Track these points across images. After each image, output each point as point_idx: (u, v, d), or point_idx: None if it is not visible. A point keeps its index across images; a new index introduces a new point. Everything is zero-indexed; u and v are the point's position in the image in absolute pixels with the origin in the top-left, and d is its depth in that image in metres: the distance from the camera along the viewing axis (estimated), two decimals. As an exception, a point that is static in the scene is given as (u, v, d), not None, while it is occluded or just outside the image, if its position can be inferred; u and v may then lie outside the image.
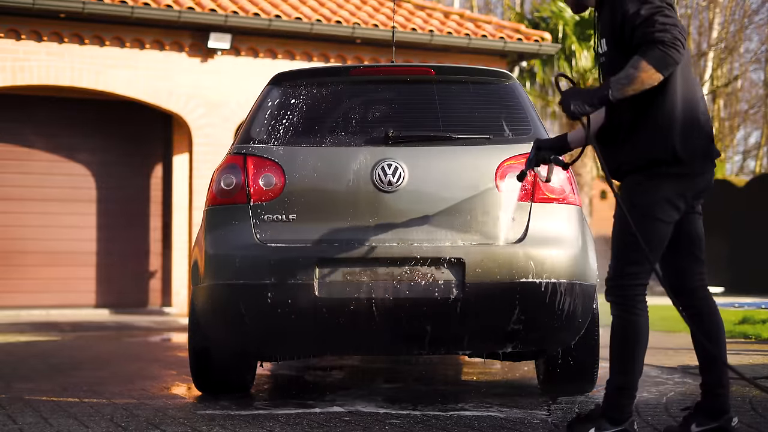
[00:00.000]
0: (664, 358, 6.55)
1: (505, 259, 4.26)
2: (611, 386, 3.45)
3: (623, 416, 3.40)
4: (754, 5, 30.77)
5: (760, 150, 32.35)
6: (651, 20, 3.22)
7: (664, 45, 3.18)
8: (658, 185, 3.35)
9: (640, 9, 3.26)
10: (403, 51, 12.87)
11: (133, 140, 13.20)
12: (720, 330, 3.50)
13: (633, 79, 3.22)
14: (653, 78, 3.22)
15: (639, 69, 3.20)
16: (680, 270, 3.51)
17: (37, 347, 7.86)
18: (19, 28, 11.64)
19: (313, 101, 4.72)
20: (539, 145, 3.80)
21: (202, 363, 4.79)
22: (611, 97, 3.27)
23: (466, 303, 4.23)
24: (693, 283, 3.52)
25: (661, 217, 3.36)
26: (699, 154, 3.37)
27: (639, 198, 3.38)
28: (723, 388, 3.44)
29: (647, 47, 3.20)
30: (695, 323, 3.51)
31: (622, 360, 3.42)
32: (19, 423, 3.99)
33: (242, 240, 4.37)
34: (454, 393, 5.04)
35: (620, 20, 3.33)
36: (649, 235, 3.36)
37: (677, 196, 3.37)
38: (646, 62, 3.20)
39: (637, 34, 3.25)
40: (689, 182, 3.38)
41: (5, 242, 12.49)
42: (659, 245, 3.40)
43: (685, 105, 3.35)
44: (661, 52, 3.18)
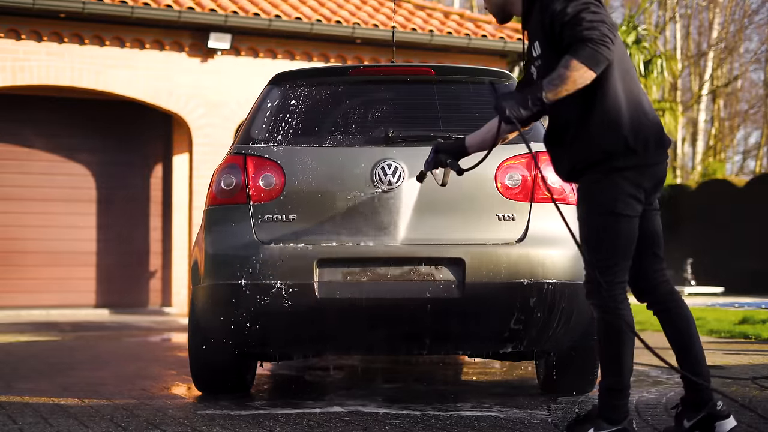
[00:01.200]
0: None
1: (505, 259, 4.26)
2: (602, 387, 3.44)
3: (620, 416, 3.40)
4: (754, 5, 30.79)
5: (760, 150, 32.36)
6: (578, 18, 3.20)
7: (593, 42, 3.16)
8: (615, 180, 3.32)
9: (567, 7, 3.24)
10: (403, 51, 12.87)
11: (133, 140, 13.20)
12: (690, 323, 3.47)
13: (565, 78, 3.20)
14: (585, 76, 3.19)
15: (570, 68, 3.18)
16: (641, 268, 3.49)
17: (37, 347, 7.86)
18: (19, 28, 11.64)
19: (313, 101, 4.72)
20: (437, 148, 3.82)
21: (202, 363, 4.79)
22: (545, 98, 3.25)
23: (465, 303, 4.23)
24: (655, 281, 3.50)
25: (624, 212, 3.33)
26: (652, 143, 3.34)
27: (598, 196, 3.35)
28: (701, 378, 3.43)
29: (577, 46, 3.18)
30: (664, 320, 3.50)
31: (609, 361, 3.41)
32: (19, 423, 3.99)
33: (242, 240, 4.37)
34: (454, 393, 5.04)
35: (549, 20, 3.31)
36: (615, 232, 3.34)
37: (636, 189, 3.34)
38: (577, 61, 3.17)
39: (566, 33, 3.23)
40: (644, 173, 3.34)
41: (5, 242, 12.50)
42: (629, 241, 3.37)
43: (628, 96, 3.33)
44: (591, 50, 3.16)
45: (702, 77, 28.63)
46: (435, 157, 3.83)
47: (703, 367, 3.44)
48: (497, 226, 4.36)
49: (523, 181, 4.43)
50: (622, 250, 3.37)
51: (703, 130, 29.97)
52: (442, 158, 3.81)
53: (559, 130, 3.43)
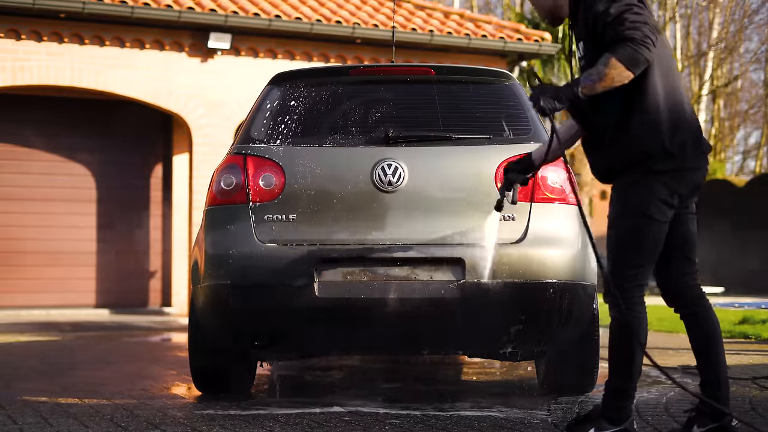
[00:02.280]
0: (664, 358, 6.54)
1: (505, 259, 4.25)
2: (609, 387, 3.44)
3: (622, 416, 3.40)
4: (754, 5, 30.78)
5: (760, 150, 32.35)
6: (620, 18, 3.21)
7: (634, 43, 3.17)
8: (651, 183, 3.33)
9: (610, 7, 3.25)
10: (403, 51, 12.86)
11: (133, 140, 13.20)
12: (716, 329, 3.49)
13: (602, 75, 3.20)
14: (623, 75, 3.20)
15: (608, 66, 3.19)
16: (672, 271, 3.50)
17: (37, 347, 7.86)
18: (19, 28, 11.63)
19: (313, 101, 4.72)
20: (507, 169, 3.83)
21: (202, 363, 4.79)
22: (580, 93, 3.26)
23: (465, 303, 4.23)
24: (686, 284, 3.51)
25: (655, 216, 3.34)
26: (689, 147, 3.35)
27: (632, 197, 3.36)
28: (721, 389, 3.43)
29: (617, 45, 3.19)
30: (690, 324, 3.51)
31: (619, 362, 3.41)
32: (19, 423, 3.98)
33: (242, 240, 4.37)
34: (454, 393, 5.04)
35: (592, 20, 3.32)
36: (644, 235, 3.35)
37: (670, 194, 3.35)
38: (616, 59, 3.18)
39: (608, 33, 3.24)
40: (681, 178, 3.35)
41: (5, 242, 12.49)
42: (656, 245, 3.39)
43: (668, 99, 3.34)
44: (632, 50, 3.17)
45: (702, 77, 28.62)
46: (506, 178, 3.83)
47: (723, 376, 3.44)
48: (497, 226, 4.36)
49: (523, 181, 4.42)
50: (648, 253, 3.38)
51: (703, 130, 29.91)
52: (511, 178, 3.81)
53: (598, 130, 3.44)
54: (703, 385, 3.48)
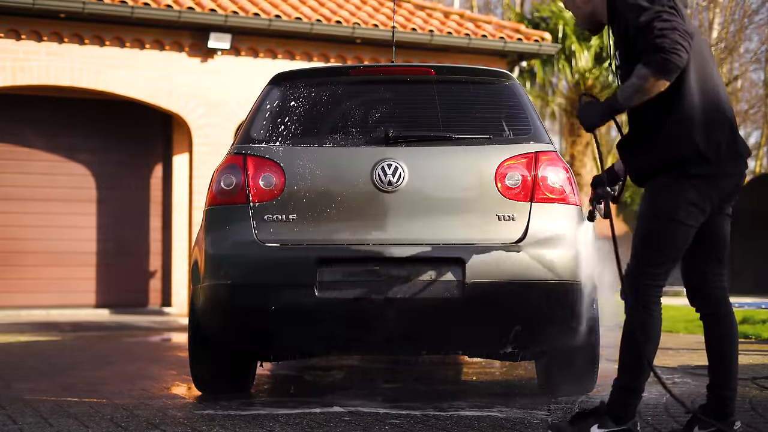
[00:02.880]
0: (664, 358, 6.55)
1: (505, 259, 4.25)
2: (618, 384, 3.43)
3: (627, 415, 3.40)
4: (754, 5, 30.75)
5: (760, 150, 32.34)
6: (650, 27, 3.23)
7: (664, 51, 3.18)
8: (683, 187, 3.32)
9: (639, 16, 3.27)
10: (403, 51, 12.86)
11: (133, 140, 13.20)
12: (734, 332, 3.48)
13: (638, 87, 3.23)
14: (657, 85, 3.22)
15: (642, 78, 3.22)
16: (700, 271, 3.50)
17: (37, 347, 7.86)
18: (19, 28, 11.63)
19: (313, 101, 4.72)
20: (596, 182, 3.78)
21: (202, 363, 4.79)
22: (619, 107, 3.30)
23: (465, 303, 4.23)
24: (712, 285, 3.51)
25: (684, 220, 3.34)
26: (724, 151, 3.34)
27: (663, 200, 3.36)
28: (730, 391, 3.43)
29: (648, 55, 3.21)
30: (710, 325, 3.50)
31: (631, 359, 3.41)
32: (19, 423, 3.98)
33: (242, 240, 4.37)
34: (454, 393, 5.04)
35: (624, 29, 3.35)
36: (671, 238, 3.35)
37: (703, 199, 3.34)
38: (648, 70, 3.21)
39: (639, 42, 3.27)
40: (715, 184, 3.34)
41: (5, 242, 12.49)
42: (680, 248, 3.39)
43: (704, 101, 3.33)
44: (662, 59, 3.18)
45: (702, 77, 28.58)
46: (595, 192, 3.79)
47: (734, 382, 3.44)
48: (497, 226, 4.36)
49: (523, 181, 4.43)
50: (672, 255, 3.39)
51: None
52: (601, 191, 3.77)
53: (635, 133, 3.43)
54: (711, 386, 3.47)
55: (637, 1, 3.33)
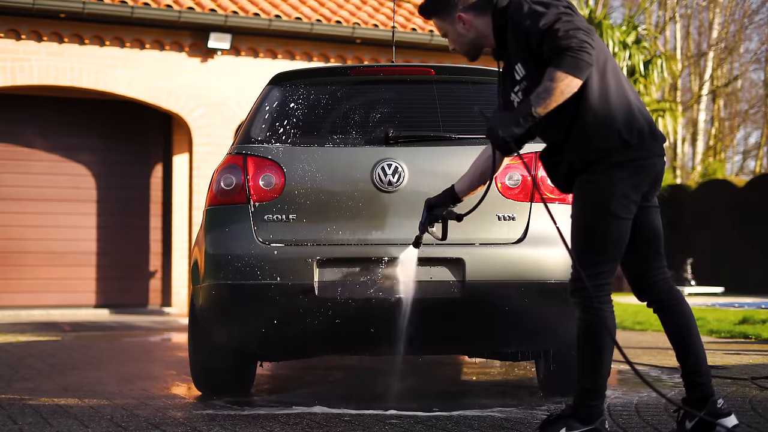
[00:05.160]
0: (664, 358, 6.55)
1: (505, 259, 4.26)
2: (579, 387, 3.43)
3: (593, 415, 3.39)
4: (754, 5, 30.78)
5: (760, 150, 32.35)
6: (552, 30, 3.20)
7: (572, 51, 3.16)
8: (612, 180, 3.31)
9: (538, 22, 3.25)
10: (403, 51, 12.87)
11: (133, 140, 13.21)
12: (689, 321, 3.46)
13: (552, 90, 3.20)
14: (572, 85, 3.20)
15: (555, 80, 3.19)
16: (641, 266, 3.49)
17: (37, 347, 7.86)
18: (19, 28, 11.64)
19: (313, 101, 4.72)
20: (429, 205, 3.81)
21: (202, 363, 4.79)
22: (535, 113, 3.25)
23: (466, 303, 4.23)
24: (655, 278, 3.49)
25: (617, 211, 3.32)
26: (647, 134, 3.33)
27: (593, 195, 3.34)
28: (701, 376, 3.42)
29: (557, 57, 3.18)
30: (665, 317, 3.50)
31: (587, 362, 3.39)
32: (19, 423, 3.99)
33: (242, 240, 4.37)
34: (454, 393, 5.04)
35: (524, 38, 3.32)
36: (607, 233, 3.33)
37: (632, 189, 3.33)
38: (560, 71, 3.18)
39: (545, 48, 3.24)
40: (642, 171, 3.33)
41: (5, 242, 12.49)
42: (619, 242, 3.36)
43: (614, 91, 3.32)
44: (572, 58, 3.16)
45: (702, 77, 28.63)
46: (428, 215, 3.81)
47: (704, 366, 3.44)
48: (497, 226, 4.36)
49: (522, 181, 4.43)
50: (612, 251, 3.37)
51: (703, 130, 29.95)
52: (437, 213, 3.79)
53: (555, 139, 3.42)
54: (684, 376, 3.48)
55: (533, 8, 3.30)
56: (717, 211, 18.72)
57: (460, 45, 3.64)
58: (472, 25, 3.54)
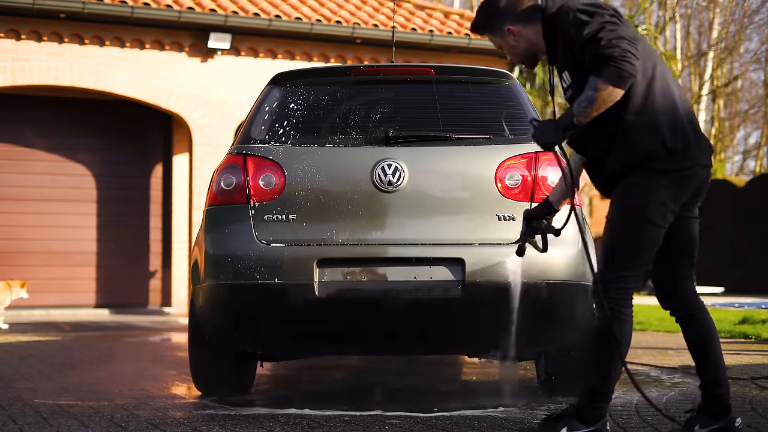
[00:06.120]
0: (664, 358, 6.55)
1: (505, 259, 4.25)
2: (585, 387, 3.42)
3: (596, 417, 3.39)
4: (754, 5, 30.77)
5: (760, 150, 32.34)
6: (596, 39, 3.21)
7: (614, 60, 3.16)
8: (652, 186, 3.31)
9: (583, 30, 3.26)
10: (403, 51, 12.87)
11: (133, 140, 13.21)
12: (712, 330, 3.49)
13: (593, 99, 3.21)
14: (613, 94, 3.21)
15: (596, 89, 3.20)
16: (671, 273, 3.49)
17: (37, 347, 7.86)
18: (19, 28, 11.64)
19: (313, 101, 4.72)
20: (528, 217, 3.79)
21: (201, 363, 4.79)
22: (576, 121, 3.27)
23: (466, 303, 4.23)
24: (683, 287, 3.50)
25: (654, 218, 3.32)
26: (691, 142, 3.34)
27: (633, 200, 3.34)
28: (721, 387, 3.43)
29: (600, 66, 3.20)
30: (687, 326, 3.51)
31: (600, 363, 3.39)
32: (19, 423, 3.99)
33: (242, 240, 4.37)
34: (454, 393, 5.04)
35: (569, 46, 3.33)
36: (639, 238, 3.34)
37: (671, 198, 3.33)
38: (602, 81, 3.19)
39: (587, 56, 3.25)
40: (684, 179, 3.33)
41: (5, 242, 12.49)
42: (650, 249, 3.37)
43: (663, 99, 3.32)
44: (614, 68, 3.17)
45: (702, 77, 28.62)
46: (528, 226, 3.79)
47: (723, 377, 3.44)
48: (497, 226, 4.36)
49: (523, 181, 4.43)
50: (644, 258, 3.37)
51: (703, 130, 29.89)
52: (536, 225, 3.77)
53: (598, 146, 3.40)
54: (703, 386, 3.48)
55: (578, 17, 3.30)
56: (717, 211, 18.72)
57: (515, 56, 3.67)
58: (521, 35, 3.56)
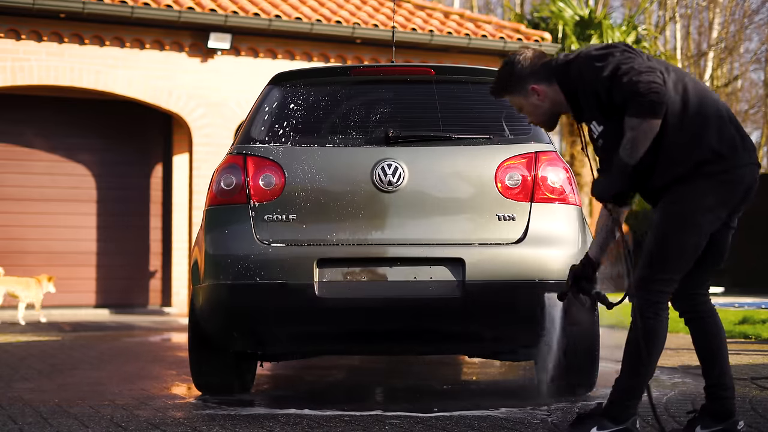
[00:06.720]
0: (664, 358, 6.52)
1: (505, 259, 4.25)
2: (619, 386, 3.43)
3: (625, 415, 3.40)
4: (754, 5, 30.77)
5: (760, 150, 32.35)
6: (617, 79, 3.22)
7: (641, 95, 3.17)
8: (701, 192, 3.29)
9: (602, 74, 3.26)
10: (403, 51, 12.87)
11: (133, 140, 13.21)
12: (721, 332, 3.49)
13: (635, 139, 3.22)
14: (652, 126, 3.21)
15: (634, 128, 3.21)
16: (695, 280, 3.49)
17: (37, 347, 7.86)
18: (19, 28, 11.64)
19: (313, 101, 4.72)
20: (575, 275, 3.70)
21: (202, 363, 4.79)
22: (628, 165, 3.26)
23: (466, 303, 4.23)
24: (698, 291, 3.51)
25: (700, 225, 3.31)
26: (738, 144, 3.32)
27: (680, 205, 3.33)
28: (726, 390, 3.43)
29: (630, 105, 3.21)
30: (696, 328, 3.51)
31: (635, 362, 3.40)
32: (19, 423, 3.99)
33: (242, 240, 4.37)
34: (454, 393, 5.04)
35: (593, 92, 3.33)
36: (683, 244, 3.33)
37: (721, 204, 3.32)
38: (637, 119, 3.20)
39: (615, 97, 3.25)
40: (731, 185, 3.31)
41: (5, 242, 12.49)
42: (694, 254, 3.36)
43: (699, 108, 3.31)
44: (645, 102, 3.18)
45: (702, 77, 28.61)
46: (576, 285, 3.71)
47: (729, 380, 3.44)
48: (497, 226, 4.36)
49: (523, 181, 4.43)
50: (685, 262, 3.37)
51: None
52: (587, 288, 3.71)
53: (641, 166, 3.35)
54: (708, 388, 3.48)
55: (594, 64, 3.31)
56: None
57: (537, 116, 3.63)
58: (546, 95, 3.54)
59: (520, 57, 3.57)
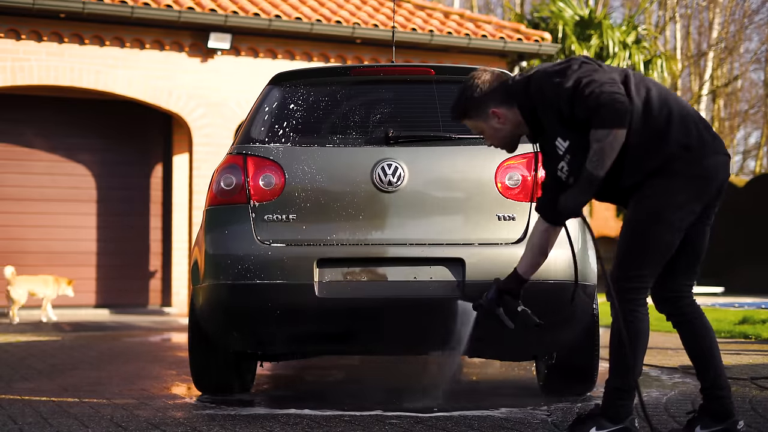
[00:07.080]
0: (664, 358, 6.55)
1: (505, 259, 4.25)
2: (609, 386, 3.45)
3: (622, 414, 3.41)
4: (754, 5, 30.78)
5: (760, 150, 32.35)
6: (578, 93, 3.22)
7: (605, 106, 3.18)
8: (672, 189, 3.30)
9: (562, 89, 3.26)
10: (403, 51, 12.87)
11: (133, 140, 13.21)
12: (710, 333, 3.48)
13: (602, 150, 3.21)
14: (617, 137, 3.21)
15: (601, 140, 3.21)
16: (675, 281, 3.49)
17: (37, 347, 7.86)
18: (19, 28, 11.64)
19: (313, 101, 4.72)
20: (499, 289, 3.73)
21: (202, 363, 4.79)
22: (597, 177, 3.25)
23: (466, 303, 4.22)
24: (681, 293, 3.50)
25: (672, 220, 3.31)
26: (705, 133, 3.33)
27: (651, 201, 3.33)
28: (722, 390, 3.43)
29: (593, 117, 3.21)
30: (685, 331, 3.51)
31: (620, 361, 3.41)
32: (19, 423, 3.99)
33: (242, 240, 4.37)
34: (454, 393, 5.03)
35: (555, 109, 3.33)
36: (657, 240, 3.33)
37: (693, 199, 3.32)
38: (601, 129, 3.20)
39: (577, 111, 3.25)
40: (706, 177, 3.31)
41: (5, 242, 12.49)
42: (667, 251, 3.36)
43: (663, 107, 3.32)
44: (608, 112, 3.18)
45: (702, 77, 28.62)
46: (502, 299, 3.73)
47: (724, 380, 3.44)
48: (497, 226, 4.36)
49: (523, 181, 4.43)
50: (659, 258, 3.37)
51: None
52: (511, 306, 3.72)
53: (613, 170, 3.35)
54: (704, 389, 3.48)
55: (551, 79, 3.31)
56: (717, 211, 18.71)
57: (498, 140, 3.63)
58: (507, 118, 3.54)
59: (478, 81, 3.57)
